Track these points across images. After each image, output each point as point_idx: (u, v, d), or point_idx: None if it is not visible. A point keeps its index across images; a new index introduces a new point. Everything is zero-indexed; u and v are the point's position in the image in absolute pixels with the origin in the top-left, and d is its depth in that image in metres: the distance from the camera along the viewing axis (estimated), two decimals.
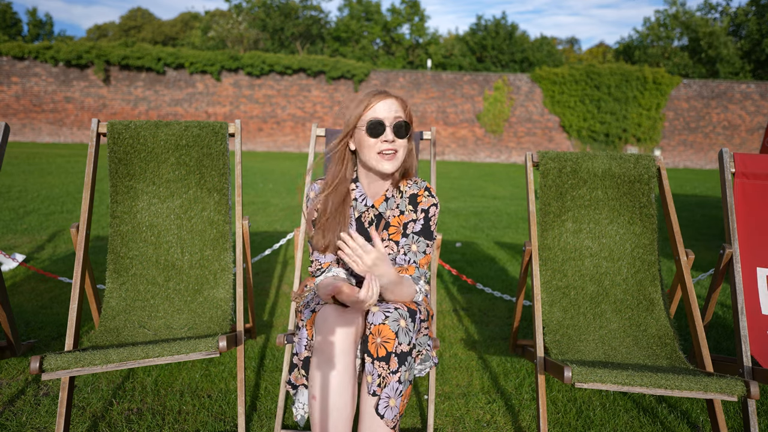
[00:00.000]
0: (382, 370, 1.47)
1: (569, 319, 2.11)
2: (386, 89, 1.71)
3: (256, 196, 8.07)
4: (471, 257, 4.69)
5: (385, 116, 1.62)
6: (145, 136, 2.18)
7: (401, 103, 1.67)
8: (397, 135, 1.63)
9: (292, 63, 19.74)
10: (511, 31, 30.28)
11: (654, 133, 20.20)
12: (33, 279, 3.59)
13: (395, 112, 1.63)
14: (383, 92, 1.66)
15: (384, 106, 1.63)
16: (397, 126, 1.62)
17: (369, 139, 1.62)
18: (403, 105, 1.67)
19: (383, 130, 1.61)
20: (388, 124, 1.62)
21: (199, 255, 2.16)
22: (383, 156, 1.63)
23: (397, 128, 1.62)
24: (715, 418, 1.83)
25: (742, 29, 28.37)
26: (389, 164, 1.64)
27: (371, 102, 1.63)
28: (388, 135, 1.62)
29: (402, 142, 1.65)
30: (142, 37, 39.72)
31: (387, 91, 1.67)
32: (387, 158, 1.64)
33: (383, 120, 1.61)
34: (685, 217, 7.31)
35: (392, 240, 1.72)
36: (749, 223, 2.16)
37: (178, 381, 2.28)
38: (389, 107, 1.63)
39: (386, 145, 1.62)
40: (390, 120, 1.62)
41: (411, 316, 1.54)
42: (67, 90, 19.29)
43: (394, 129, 1.62)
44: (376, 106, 1.63)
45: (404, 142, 1.66)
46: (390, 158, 1.64)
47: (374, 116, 1.62)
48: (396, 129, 1.62)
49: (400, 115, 1.64)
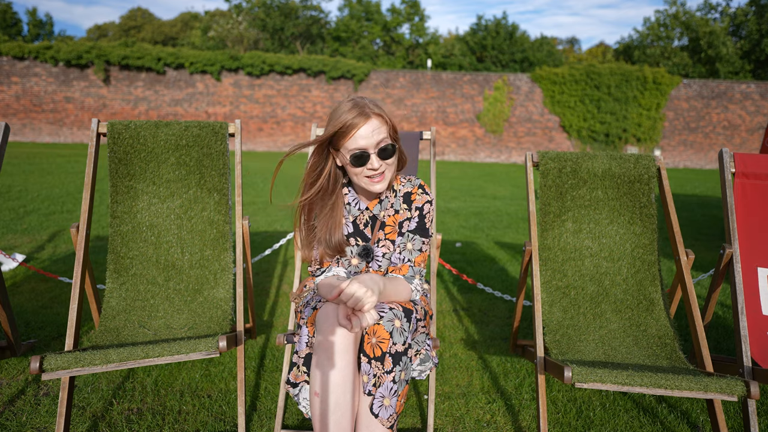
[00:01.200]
0: (377, 370, 1.48)
1: (569, 319, 2.11)
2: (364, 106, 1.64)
3: (256, 196, 8.07)
4: (471, 257, 4.69)
5: (367, 144, 1.57)
6: (145, 136, 2.18)
7: (380, 119, 1.59)
8: (383, 158, 1.60)
9: (292, 63, 19.74)
10: (512, 31, 30.29)
11: (654, 133, 20.20)
12: (33, 279, 3.59)
13: (377, 135, 1.57)
14: (362, 114, 1.56)
15: (365, 132, 1.56)
16: (381, 150, 1.59)
17: (355, 168, 1.60)
18: (383, 120, 1.60)
19: (368, 159, 1.58)
20: (372, 151, 1.58)
21: (199, 255, 2.16)
22: (372, 180, 1.62)
23: (382, 152, 1.59)
24: (715, 418, 1.83)
25: (742, 29, 28.37)
26: (379, 186, 1.63)
27: (351, 126, 1.56)
28: (373, 163, 1.59)
29: (390, 161, 1.63)
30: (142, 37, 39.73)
31: (365, 108, 1.57)
32: (376, 181, 1.63)
33: (366, 149, 1.57)
34: (685, 217, 7.31)
35: (389, 239, 1.73)
36: (749, 223, 2.16)
37: (178, 381, 2.28)
38: (371, 130, 1.56)
39: (373, 172, 1.60)
40: (373, 146, 1.58)
41: (406, 316, 1.54)
42: (67, 90, 19.29)
43: (378, 154, 1.59)
44: (356, 135, 1.56)
45: (392, 160, 1.64)
46: (379, 180, 1.63)
47: (356, 146, 1.57)
48: (380, 153, 1.59)
49: (383, 135, 1.59)
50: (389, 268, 1.71)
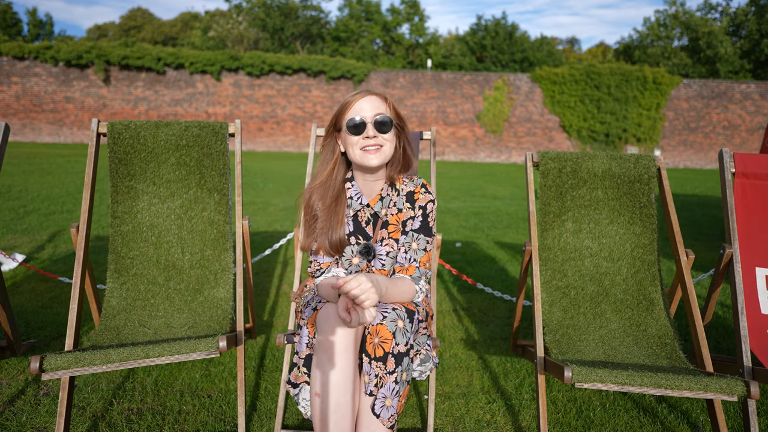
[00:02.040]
0: (379, 371, 1.48)
1: (569, 319, 2.11)
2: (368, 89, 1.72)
3: (256, 196, 8.07)
4: (471, 257, 4.69)
5: (365, 114, 1.64)
6: (145, 136, 2.18)
7: (382, 98, 1.68)
8: (380, 130, 1.64)
9: (292, 63, 19.74)
10: (511, 31, 30.29)
11: (654, 133, 20.20)
12: (33, 279, 3.59)
13: (376, 109, 1.65)
14: (364, 91, 1.68)
15: (364, 104, 1.64)
16: (378, 121, 1.63)
17: (352, 137, 1.65)
18: (384, 100, 1.68)
19: (364, 127, 1.63)
20: (369, 120, 1.63)
21: (199, 255, 2.16)
22: (367, 151, 1.65)
23: (379, 124, 1.64)
24: (715, 418, 1.83)
25: (742, 29, 28.37)
26: (373, 157, 1.65)
27: (351, 102, 1.65)
28: (369, 131, 1.63)
29: (387, 137, 1.66)
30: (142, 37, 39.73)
31: (369, 90, 1.69)
32: (371, 152, 1.65)
33: (364, 118, 1.63)
34: (685, 217, 7.31)
35: (392, 238, 1.73)
36: (749, 223, 2.16)
37: (178, 381, 2.28)
38: (369, 104, 1.65)
39: (368, 141, 1.64)
40: (370, 117, 1.64)
41: (409, 317, 1.55)
42: (67, 90, 19.29)
43: (375, 124, 1.63)
44: (356, 105, 1.65)
45: (389, 136, 1.67)
46: (374, 152, 1.65)
47: (354, 114, 1.64)
48: (377, 124, 1.63)
49: (382, 110, 1.66)
50: (396, 269, 1.71)
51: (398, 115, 1.70)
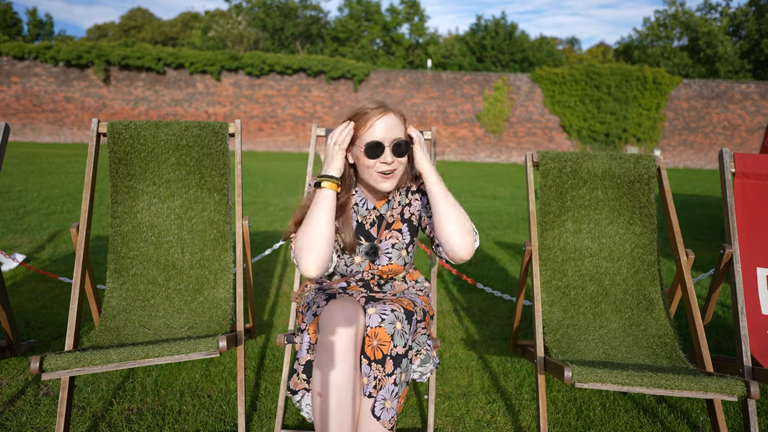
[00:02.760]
0: (378, 373, 1.48)
1: (569, 318, 2.11)
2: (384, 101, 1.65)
3: (256, 196, 8.07)
4: (471, 257, 4.68)
5: (383, 136, 1.55)
6: (145, 136, 2.18)
7: (400, 117, 1.60)
8: (396, 154, 1.57)
9: (292, 63, 19.74)
10: (511, 31, 30.28)
11: (654, 133, 20.19)
12: (33, 279, 3.59)
13: (394, 131, 1.57)
14: (382, 106, 1.58)
15: (383, 124, 1.55)
16: (396, 146, 1.56)
17: (368, 159, 1.57)
18: (402, 120, 1.61)
19: (382, 152, 1.55)
20: (387, 144, 1.55)
21: (199, 255, 2.16)
22: (382, 176, 1.59)
23: (396, 147, 1.56)
24: (715, 418, 1.83)
25: (742, 29, 28.37)
26: (388, 184, 1.61)
27: (368, 117, 1.56)
28: (387, 157, 1.56)
29: (402, 160, 1.60)
30: (142, 37, 39.72)
31: (386, 104, 1.59)
32: (386, 178, 1.60)
33: (382, 141, 1.55)
34: (685, 217, 7.31)
35: (394, 229, 1.73)
36: (749, 223, 2.16)
37: (178, 381, 2.28)
38: (388, 125, 1.56)
39: (385, 167, 1.57)
40: (389, 140, 1.55)
41: (407, 318, 1.55)
42: (67, 90, 19.29)
43: (393, 149, 1.56)
44: (374, 124, 1.55)
45: (404, 159, 1.61)
46: (389, 177, 1.60)
47: (373, 137, 1.55)
48: (395, 149, 1.56)
49: (400, 132, 1.58)
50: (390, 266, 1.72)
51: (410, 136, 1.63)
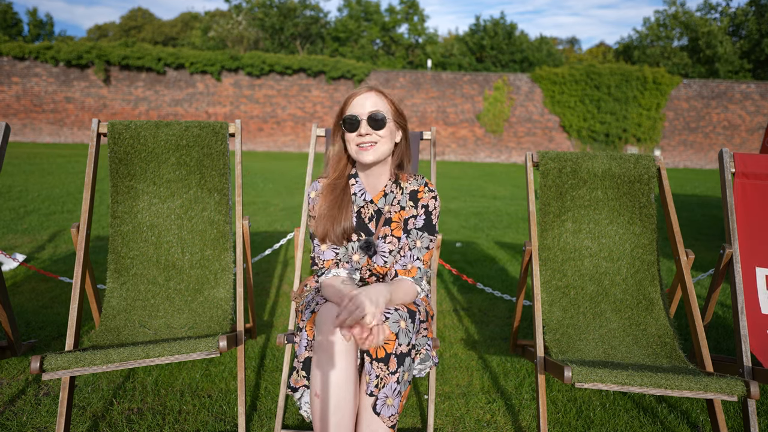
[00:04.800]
0: (380, 371, 1.48)
1: (569, 318, 2.11)
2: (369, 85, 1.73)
3: (256, 196, 8.07)
4: (471, 257, 4.69)
5: (359, 111, 1.66)
6: (145, 136, 2.18)
7: (380, 94, 1.69)
8: (373, 127, 1.65)
9: (292, 63, 19.74)
10: (510, 31, 30.27)
11: (654, 133, 20.19)
12: (33, 279, 3.59)
13: (371, 106, 1.66)
14: (364, 87, 1.70)
15: (359, 101, 1.67)
16: (371, 118, 1.64)
17: (348, 134, 1.69)
18: (383, 97, 1.69)
19: (358, 124, 1.66)
20: (362, 117, 1.66)
21: (199, 255, 2.17)
22: (361, 148, 1.67)
23: (372, 120, 1.65)
24: (715, 418, 1.83)
25: (742, 29, 28.36)
26: (367, 155, 1.67)
27: (349, 98, 1.69)
28: (362, 128, 1.65)
29: (382, 133, 1.67)
30: (142, 37, 39.73)
31: (369, 86, 1.70)
32: (364, 149, 1.67)
33: (358, 115, 1.66)
34: (685, 217, 7.31)
35: (394, 236, 1.74)
36: (749, 223, 2.16)
37: (178, 381, 2.28)
38: (365, 101, 1.67)
39: (362, 138, 1.66)
40: (364, 114, 1.66)
41: (411, 317, 1.55)
42: (67, 90, 19.29)
43: (368, 121, 1.65)
44: (353, 102, 1.68)
45: (384, 132, 1.68)
46: (367, 149, 1.67)
47: (350, 112, 1.67)
48: (370, 121, 1.65)
49: (378, 107, 1.67)
50: (398, 270, 1.72)
51: (398, 111, 1.71)
